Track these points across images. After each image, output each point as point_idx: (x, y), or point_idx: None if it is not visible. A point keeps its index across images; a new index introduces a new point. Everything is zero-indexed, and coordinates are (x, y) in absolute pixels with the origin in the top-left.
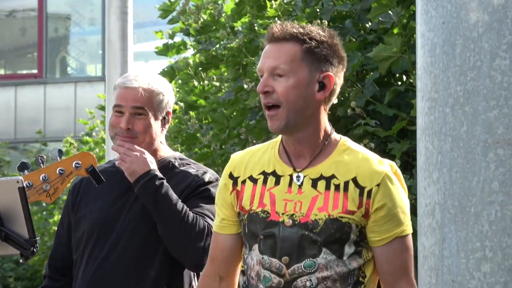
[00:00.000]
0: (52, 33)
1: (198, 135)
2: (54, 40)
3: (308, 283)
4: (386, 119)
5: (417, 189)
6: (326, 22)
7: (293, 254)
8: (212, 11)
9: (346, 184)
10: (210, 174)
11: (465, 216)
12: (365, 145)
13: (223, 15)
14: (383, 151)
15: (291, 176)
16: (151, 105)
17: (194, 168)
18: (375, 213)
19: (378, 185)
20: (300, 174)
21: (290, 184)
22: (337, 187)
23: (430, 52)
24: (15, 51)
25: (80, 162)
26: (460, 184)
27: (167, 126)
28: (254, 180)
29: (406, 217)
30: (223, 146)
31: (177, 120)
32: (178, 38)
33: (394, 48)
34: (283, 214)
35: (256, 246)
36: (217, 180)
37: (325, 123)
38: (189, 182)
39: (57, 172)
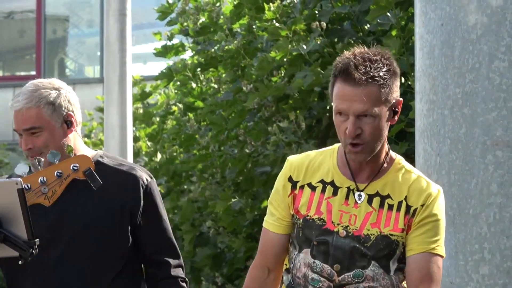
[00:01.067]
0: (50, 34)
1: (196, 136)
2: (53, 41)
3: None
4: None
5: None
6: (325, 24)
7: (344, 263)
8: (210, 13)
9: (400, 204)
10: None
11: (463, 218)
12: None
13: (221, 16)
14: None
15: (348, 188)
16: (41, 120)
17: (125, 167)
18: (414, 230)
19: (422, 205)
20: (362, 193)
21: (347, 197)
22: (390, 206)
23: (428, 54)
24: (14, 53)
25: (78, 165)
26: (459, 186)
27: (76, 127)
28: (312, 187)
29: (441, 240)
30: (222, 148)
31: (175, 122)
32: (176, 40)
33: (392, 50)
34: (338, 224)
35: (308, 250)
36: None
37: (386, 143)
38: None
39: (55, 174)
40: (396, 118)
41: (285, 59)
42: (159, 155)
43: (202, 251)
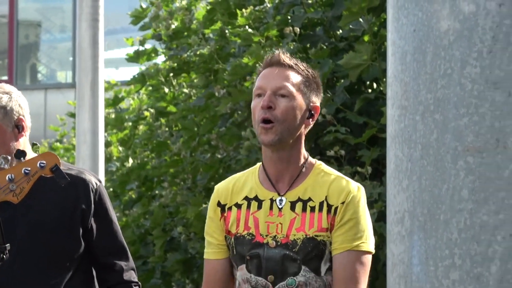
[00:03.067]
0: (22, 39)
1: (168, 142)
2: (25, 46)
3: None
4: (356, 127)
5: (386, 196)
6: (298, 30)
7: (277, 273)
8: (183, 18)
9: (321, 204)
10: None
11: (434, 223)
12: (335, 152)
13: (194, 21)
14: (353, 158)
15: (271, 199)
16: None
17: (74, 171)
18: (337, 228)
19: (343, 203)
20: (283, 198)
21: (271, 207)
22: (312, 208)
23: (400, 59)
24: None
25: (44, 162)
26: (430, 192)
27: (25, 131)
28: (238, 206)
29: (367, 237)
30: (193, 154)
31: (147, 127)
32: (148, 45)
33: (364, 56)
34: (266, 236)
35: (243, 266)
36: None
37: (303, 148)
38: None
39: (23, 172)
40: (311, 122)
41: (258, 65)
42: (130, 160)
43: (173, 256)
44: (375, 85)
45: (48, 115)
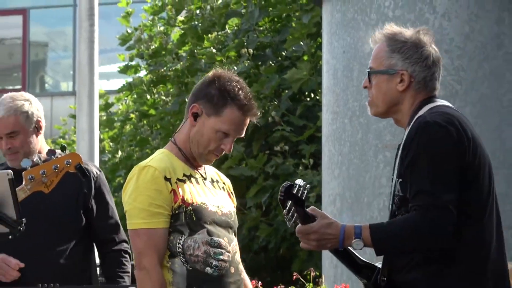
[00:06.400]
0: (33, 57)
1: (149, 138)
2: (35, 62)
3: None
4: (298, 128)
5: (322, 183)
6: (251, 51)
7: None
8: (161, 40)
9: None
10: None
11: (359, 205)
12: (281, 147)
13: (170, 43)
14: (295, 153)
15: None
16: (19, 126)
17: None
18: None
19: None
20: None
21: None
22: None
23: (333, 75)
24: (3, 71)
25: (70, 160)
26: (356, 180)
27: (42, 130)
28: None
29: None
30: None
31: (132, 126)
32: (134, 62)
33: (304, 72)
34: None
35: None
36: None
37: None
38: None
39: (52, 168)
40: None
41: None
42: (119, 153)
43: None
44: (312, 95)
45: (54, 117)
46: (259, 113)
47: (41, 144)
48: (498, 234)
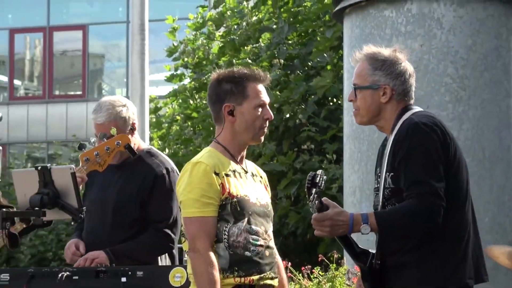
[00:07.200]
0: (92, 66)
1: (192, 138)
2: (93, 71)
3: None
4: (322, 128)
5: (343, 176)
6: (282, 61)
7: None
8: (203, 52)
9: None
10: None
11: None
12: (307, 146)
13: (210, 55)
14: (320, 150)
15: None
16: (118, 130)
17: (157, 161)
18: None
19: None
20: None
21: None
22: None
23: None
24: (67, 79)
25: (120, 141)
26: (373, 174)
27: (136, 130)
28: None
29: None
30: None
31: (178, 127)
32: (179, 71)
33: (328, 80)
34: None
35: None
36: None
37: None
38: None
39: (105, 149)
40: None
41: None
42: (166, 150)
43: None
44: (335, 100)
45: None
46: (268, 75)
47: (138, 141)
48: (473, 218)
